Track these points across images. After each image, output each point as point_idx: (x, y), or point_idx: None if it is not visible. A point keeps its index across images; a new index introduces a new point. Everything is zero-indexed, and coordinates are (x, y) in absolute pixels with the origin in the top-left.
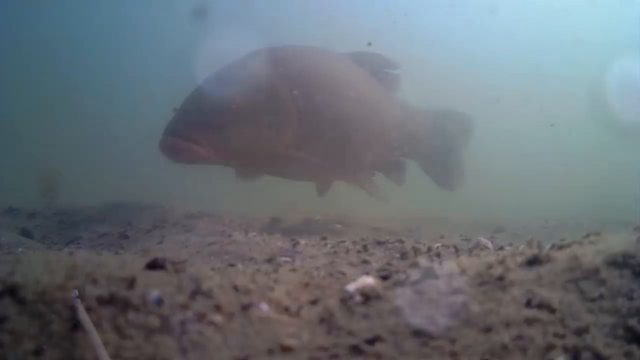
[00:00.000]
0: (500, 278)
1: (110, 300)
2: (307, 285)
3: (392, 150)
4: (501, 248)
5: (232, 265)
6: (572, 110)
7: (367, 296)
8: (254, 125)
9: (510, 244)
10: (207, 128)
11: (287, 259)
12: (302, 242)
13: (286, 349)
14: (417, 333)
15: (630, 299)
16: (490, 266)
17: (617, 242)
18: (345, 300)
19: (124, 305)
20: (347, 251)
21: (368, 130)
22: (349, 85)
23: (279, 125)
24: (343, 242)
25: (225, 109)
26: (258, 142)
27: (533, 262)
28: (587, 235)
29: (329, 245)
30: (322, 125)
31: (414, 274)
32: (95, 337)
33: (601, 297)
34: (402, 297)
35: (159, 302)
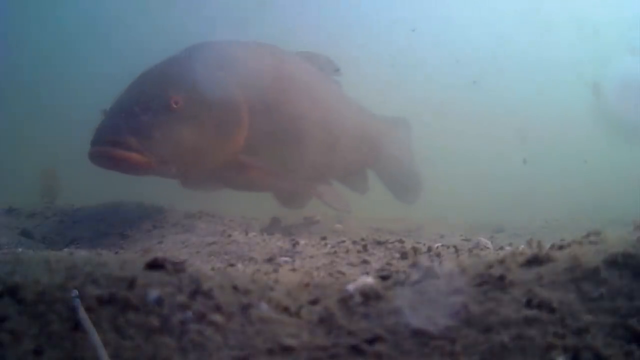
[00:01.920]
0: (500, 278)
1: (110, 300)
2: (307, 285)
3: (352, 158)
4: (501, 248)
5: (232, 265)
6: (572, 110)
7: (367, 296)
8: (199, 126)
9: (510, 244)
10: (143, 131)
11: (287, 259)
12: (302, 242)
13: (286, 349)
14: (417, 333)
15: (630, 299)
16: (490, 266)
17: (617, 242)
18: (345, 300)
19: (124, 305)
20: (347, 251)
21: (326, 135)
22: (305, 85)
23: (229, 127)
24: (343, 242)
25: (165, 107)
26: (205, 147)
27: (533, 262)
28: (587, 235)
29: (329, 245)
30: (277, 127)
31: (414, 274)
32: (95, 337)
33: (601, 297)
34: (402, 297)
35: (159, 302)
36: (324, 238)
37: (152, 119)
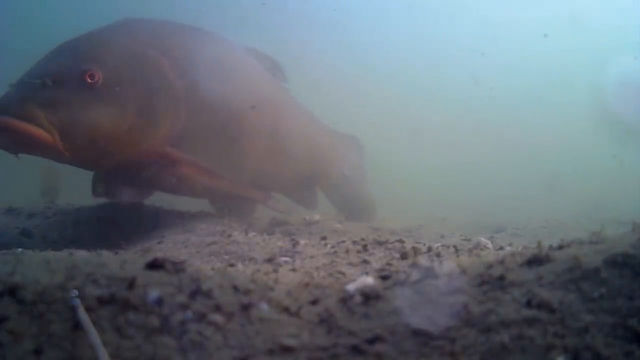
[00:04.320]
0: (500, 278)
1: (110, 300)
2: (307, 285)
3: (300, 170)
4: (501, 248)
5: (232, 265)
6: (571, 110)
7: (367, 296)
8: (119, 107)
9: (510, 244)
10: (51, 105)
11: (287, 259)
12: (302, 242)
13: (286, 349)
14: (417, 333)
15: (630, 299)
16: (490, 266)
17: (617, 242)
18: (345, 300)
19: (124, 305)
20: (347, 251)
21: (272, 140)
22: (251, 81)
23: (156, 111)
24: (343, 242)
25: (78, 81)
26: (125, 132)
27: (533, 262)
28: (588, 235)
29: (329, 245)
30: (215, 121)
31: (414, 274)
32: (95, 337)
33: (601, 297)
34: (402, 297)
35: (159, 302)
36: (324, 238)
37: (62, 94)
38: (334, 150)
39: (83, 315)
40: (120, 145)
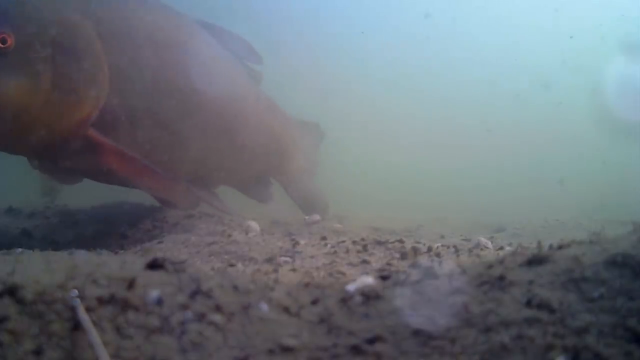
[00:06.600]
0: (500, 278)
1: (110, 300)
2: (307, 285)
3: (253, 163)
4: (501, 248)
5: (232, 265)
6: (571, 109)
7: (367, 296)
8: (34, 77)
9: (510, 244)
10: None
11: (287, 259)
12: (302, 242)
13: (286, 349)
14: (417, 333)
15: (630, 299)
16: (490, 266)
17: (617, 242)
18: (345, 300)
19: (124, 305)
20: (347, 251)
21: (221, 128)
22: (198, 58)
23: (76, 83)
24: (343, 242)
25: None
26: (39, 107)
27: (533, 262)
28: (588, 235)
29: (329, 245)
30: (149, 103)
31: (414, 274)
32: (95, 337)
33: (601, 297)
34: (402, 297)
35: (159, 302)
36: (324, 238)
37: None
38: (294, 141)
39: (83, 315)
40: (34, 123)
